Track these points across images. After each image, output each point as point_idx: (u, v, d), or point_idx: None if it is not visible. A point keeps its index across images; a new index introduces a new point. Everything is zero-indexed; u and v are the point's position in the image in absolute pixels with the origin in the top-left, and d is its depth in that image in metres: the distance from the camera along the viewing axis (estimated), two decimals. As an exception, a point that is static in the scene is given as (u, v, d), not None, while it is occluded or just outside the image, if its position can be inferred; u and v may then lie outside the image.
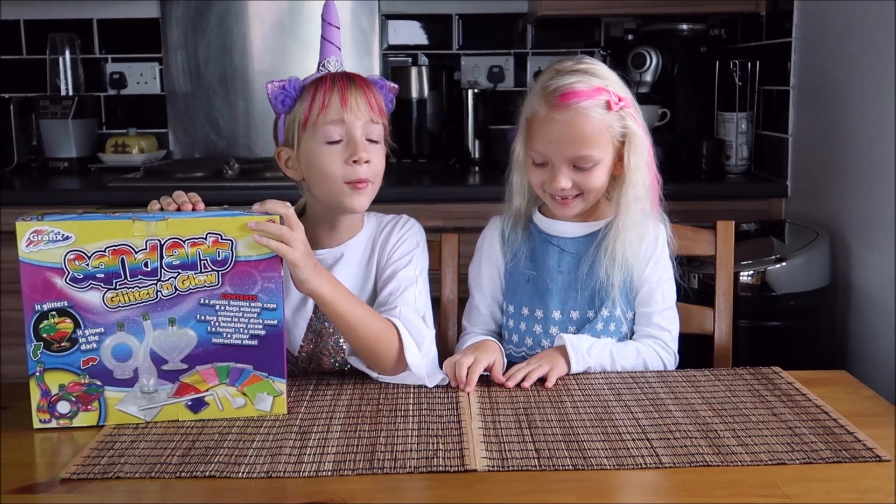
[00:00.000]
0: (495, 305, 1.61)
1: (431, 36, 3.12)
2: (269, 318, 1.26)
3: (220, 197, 2.49)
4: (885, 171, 1.91)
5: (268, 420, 1.26)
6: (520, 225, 1.59)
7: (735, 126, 2.65)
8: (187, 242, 1.23)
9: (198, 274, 1.23)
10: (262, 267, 1.25)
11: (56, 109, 2.92)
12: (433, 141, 2.97)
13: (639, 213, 1.49)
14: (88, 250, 1.21)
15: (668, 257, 1.55)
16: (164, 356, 1.25)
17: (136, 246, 1.22)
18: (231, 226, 1.24)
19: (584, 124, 1.43)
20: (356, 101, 1.40)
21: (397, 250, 1.50)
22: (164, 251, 1.22)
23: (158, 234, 1.22)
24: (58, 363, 1.24)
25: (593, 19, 3.05)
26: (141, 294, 1.23)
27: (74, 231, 1.21)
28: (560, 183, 1.46)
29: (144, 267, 1.22)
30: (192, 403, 1.26)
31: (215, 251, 1.23)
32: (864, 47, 2.03)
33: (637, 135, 1.47)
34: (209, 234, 1.23)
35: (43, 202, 2.55)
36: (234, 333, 1.26)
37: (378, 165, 1.44)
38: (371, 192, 1.44)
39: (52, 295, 1.22)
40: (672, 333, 1.55)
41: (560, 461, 1.12)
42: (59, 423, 1.25)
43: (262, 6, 3.03)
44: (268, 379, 1.27)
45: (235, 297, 1.25)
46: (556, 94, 1.44)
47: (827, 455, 1.13)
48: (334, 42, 1.46)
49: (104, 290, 1.22)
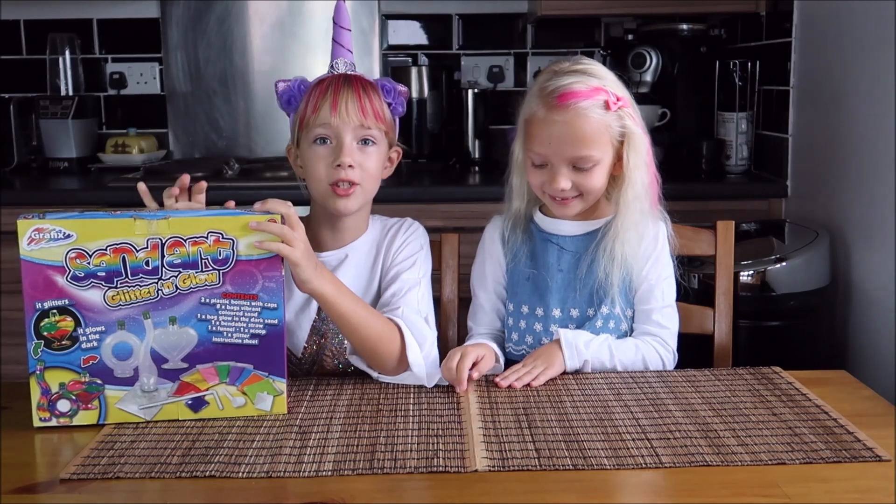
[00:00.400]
0: (500, 303, 1.61)
1: (431, 36, 3.12)
2: (270, 318, 1.26)
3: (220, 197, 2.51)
4: (885, 171, 1.91)
5: (268, 420, 1.26)
6: (519, 226, 1.59)
7: (735, 126, 2.65)
8: (188, 241, 1.23)
9: (199, 273, 1.23)
10: (263, 266, 1.25)
11: (56, 109, 2.92)
12: (433, 141, 2.97)
13: (638, 213, 1.50)
14: (90, 248, 1.21)
15: (669, 255, 1.55)
16: (165, 355, 1.25)
17: (137, 244, 1.22)
18: (232, 225, 1.23)
19: (582, 125, 1.43)
20: (346, 106, 1.40)
21: (401, 252, 1.50)
22: (166, 250, 1.22)
23: (160, 232, 1.22)
24: (58, 361, 1.24)
25: (593, 19, 3.05)
26: (142, 293, 1.23)
27: (76, 229, 1.21)
28: (560, 184, 1.46)
29: (146, 265, 1.22)
30: (193, 402, 1.26)
31: (216, 250, 1.23)
32: (864, 47, 2.03)
33: (636, 134, 1.47)
34: (210, 232, 1.23)
35: (43, 202, 2.55)
36: (234, 332, 1.26)
37: (371, 168, 1.44)
38: (360, 196, 1.45)
39: (53, 293, 1.22)
40: (671, 331, 1.55)
41: (560, 461, 1.12)
42: (58, 422, 1.25)
43: (262, 6, 3.03)
44: (268, 378, 1.27)
45: (236, 297, 1.25)
46: (555, 94, 1.44)
47: (827, 455, 1.13)
48: (342, 43, 1.47)
49: (105, 289, 1.22)
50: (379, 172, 1.47)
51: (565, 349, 1.44)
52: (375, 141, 1.45)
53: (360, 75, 1.46)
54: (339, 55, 1.47)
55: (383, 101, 1.46)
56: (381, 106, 1.45)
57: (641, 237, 1.51)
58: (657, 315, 1.53)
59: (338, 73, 1.45)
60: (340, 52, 1.47)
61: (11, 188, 2.66)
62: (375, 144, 1.45)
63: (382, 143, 1.46)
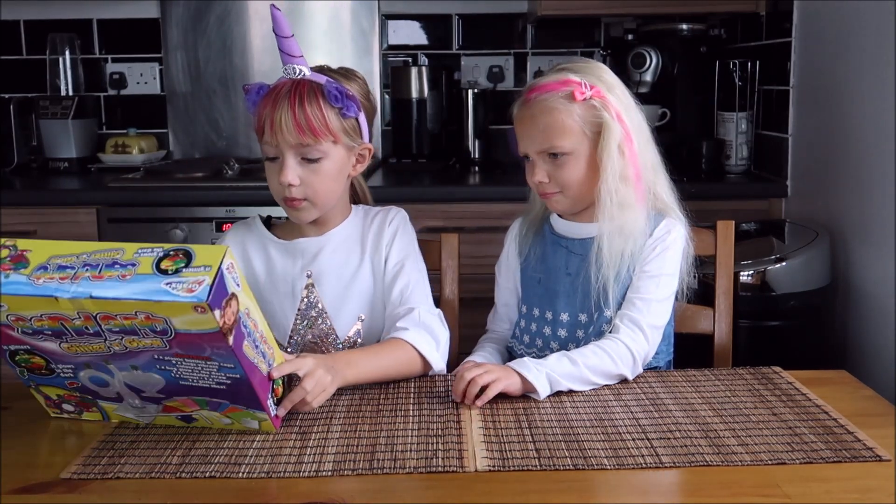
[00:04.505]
0: (513, 302, 1.63)
1: (431, 36, 3.12)
2: (231, 373, 1.14)
3: (220, 197, 2.51)
4: (885, 171, 1.91)
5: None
6: (533, 228, 1.60)
7: (735, 126, 2.65)
8: (119, 316, 1.09)
9: (142, 338, 1.11)
10: (207, 339, 1.09)
11: (56, 109, 2.92)
12: (433, 141, 2.97)
13: (615, 207, 1.45)
14: (25, 315, 1.11)
15: (677, 255, 1.50)
16: (140, 387, 1.20)
17: (69, 315, 1.10)
18: (159, 308, 1.06)
19: (546, 115, 1.45)
20: (283, 125, 1.39)
21: (395, 245, 1.52)
22: (100, 321, 1.10)
23: (87, 308, 1.08)
24: (47, 382, 1.23)
25: (593, 19, 3.05)
26: (94, 347, 1.14)
27: (5, 302, 1.10)
28: (536, 176, 1.48)
29: (86, 329, 1.11)
30: (182, 417, 1.24)
31: (151, 324, 1.08)
32: (864, 47, 2.03)
33: (608, 125, 1.44)
34: (138, 312, 1.07)
35: (43, 202, 2.55)
36: (199, 380, 1.16)
37: (318, 183, 1.43)
38: (311, 209, 1.46)
39: (12, 341, 1.16)
40: (650, 323, 1.45)
41: (560, 461, 1.12)
42: (69, 416, 1.28)
43: (262, 6, 3.03)
44: (248, 410, 1.20)
45: (189, 357, 1.13)
46: (525, 91, 1.49)
47: (827, 455, 1.13)
48: (287, 52, 1.43)
49: (58, 342, 1.15)
50: (332, 183, 1.45)
51: (514, 364, 1.35)
52: (322, 155, 1.42)
53: (308, 81, 1.42)
54: (287, 62, 1.44)
55: (330, 109, 1.41)
56: (325, 115, 1.40)
57: (629, 233, 1.46)
58: (640, 303, 1.46)
59: (286, 80, 1.43)
60: (288, 60, 1.43)
61: (11, 188, 2.66)
62: (322, 159, 1.42)
63: (333, 152, 1.43)
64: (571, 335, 1.52)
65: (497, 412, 1.28)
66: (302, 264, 1.51)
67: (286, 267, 1.51)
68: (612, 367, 1.39)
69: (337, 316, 1.50)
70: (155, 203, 2.49)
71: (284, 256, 1.51)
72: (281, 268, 1.51)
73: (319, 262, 1.50)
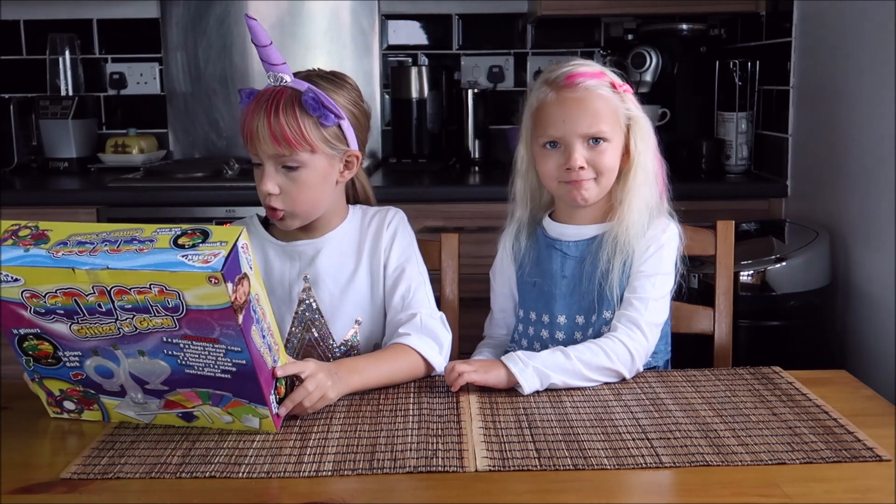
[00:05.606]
0: (509, 308, 1.63)
1: (431, 36, 3.12)
2: (237, 358, 1.15)
3: (220, 197, 2.52)
4: (885, 171, 1.92)
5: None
6: (524, 234, 1.59)
7: (735, 126, 2.65)
8: (133, 290, 1.11)
9: (153, 317, 1.13)
10: (217, 316, 1.11)
11: (56, 109, 2.92)
12: (433, 141, 2.97)
13: (643, 201, 1.48)
14: (40, 291, 1.13)
15: (672, 252, 1.51)
16: (144, 378, 1.21)
17: (83, 290, 1.12)
18: (173, 280, 1.09)
19: (594, 100, 1.46)
20: (260, 134, 1.38)
21: (394, 247, 1.51)
22: (113, 296, 1.12)
23: (102, 281, 1.11)
24: (51, 374, 1.23)
25: (593, 19, 3.05)
26: (104, 329, 1.16)
27: (22, 274, 1.12)
28: (577, 161, 1.45)
29: (99, 307, 1.13)
30: (183, 415, 1.24)
31: (163, 299, 1.10)
32: (864, 47, 2.03)
33: (642, 119, 1.50)
34: (152, 284, 1.10)
35: (43, 202, 2.55)
36: (204, 367, 1.17)
37: (297, 193, 1.42)
38: (293, 217, 1.45)
39: (23, 323, 1.17)
40: (648, 321, 1.45)
41: (560, 461, 1.12)
42: (69, 416, 1.28)
43: (262, 6, 3.03)
44: (249, 405, 1.21)
45: (197, 339, 1.14)
46: (563, 77, 1.47)
47: (827, 455, 1.13)
48: (267, 60, 1.42)
49: (69, 323, 1.16)
50: (314, 192, 1.44)
51: (505, 359, 1.36)
52: (299, 164, 1.41)
53: (288, 89, 1.40)
54: (269, 71, 1.42)
55: (307, 118, 1.38)
56: (301, 125, 1.38)
57: (646, 229, 1.49)
58: (638, 303, 1.47)
59: (270, 88, 1.42)
60: (269, 68, 1.42)
61: (11, 188, 2.66)
62: (300, 168, 1.41)
63: (312, 162, 1.41)
64: (569, 338, 1.52)
65: (497, 412, 1.28)
66: (299, 268, 1.50)
67: (283, 270, 1.50)
68: (606, 361, 1.39)
69: (333, 319, 1.50)
70: (155, 203, 2.49)
71: (282, 259, 1.51)
72: (278, 271, 1.50)
73: (317, 266, 1.50)
